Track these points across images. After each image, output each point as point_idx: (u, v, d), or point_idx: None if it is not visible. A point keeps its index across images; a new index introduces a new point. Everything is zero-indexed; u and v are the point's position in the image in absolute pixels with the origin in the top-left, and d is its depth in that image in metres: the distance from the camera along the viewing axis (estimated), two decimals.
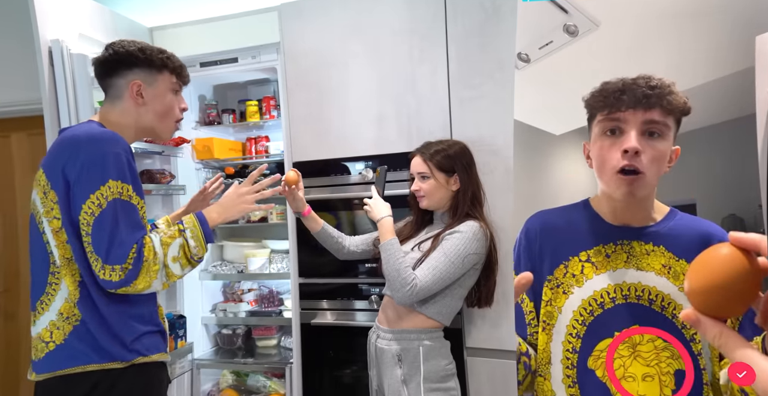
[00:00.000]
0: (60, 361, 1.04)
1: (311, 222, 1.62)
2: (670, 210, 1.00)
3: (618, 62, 1.07)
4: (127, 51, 1.15)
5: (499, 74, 1.66)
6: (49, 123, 1.84)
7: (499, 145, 1.65)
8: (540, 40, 1.13)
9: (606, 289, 0.97)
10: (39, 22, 1.80)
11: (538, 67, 1.14)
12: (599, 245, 0.99)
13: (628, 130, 0.91)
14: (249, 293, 2.40)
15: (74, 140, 1.05)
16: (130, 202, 1.05)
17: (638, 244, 0.97)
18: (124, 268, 1.00)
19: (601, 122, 0.95)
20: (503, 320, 1.64)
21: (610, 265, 0.98)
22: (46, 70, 1.81)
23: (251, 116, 2.33)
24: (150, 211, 2.21)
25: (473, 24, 1.69)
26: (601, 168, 0.96)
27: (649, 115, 0.91)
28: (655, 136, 0.92)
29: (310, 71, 1.92)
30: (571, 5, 1.09)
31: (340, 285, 1.90)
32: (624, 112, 0.92)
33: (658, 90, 0.91)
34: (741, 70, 0.98)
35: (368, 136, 1.84)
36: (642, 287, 0.95)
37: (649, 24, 1.07)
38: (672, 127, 0.93)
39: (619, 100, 0.92)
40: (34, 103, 1.96)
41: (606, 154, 0.94)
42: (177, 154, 2.28)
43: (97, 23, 2.10)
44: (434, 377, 1.39)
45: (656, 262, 0.96)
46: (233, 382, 2.30)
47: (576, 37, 1.09)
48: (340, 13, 1.88)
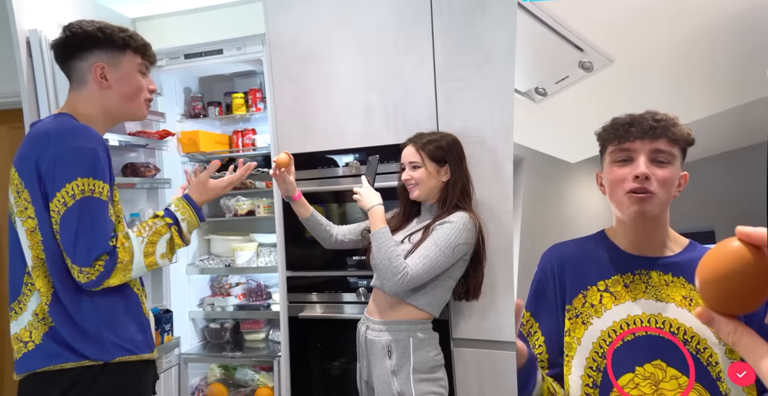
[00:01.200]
0: (37, 361, 1.02)
1: (300, 207, 1.61)
2: (690, 242, 1.01)
3: (631, 95, 1.14)
4: (86, 31, 1.08)
5: (485, 66, 1.66)
6: (28, 116, 1.80)
7: (485, 136, 1.66)
8: (556, 75, 1.19)
9: (626, 320, 0.96)
10: (16, 12, 1.76)
11: (555, 99, 1.19)
12: (617, 275, 1.00)
13: (638, 158, 0.98)
14: (237, 287, 2.39)
15: (45, 135, 1.01)
16: (99, 199, 1.01)
17: (657, 275, 0.98)
18: (94, 271, 0.98)
19: (612, 153, 1.02)
20: (490, 312, 1.66)
21: (629, 295, 0.98)
22: (24, 61, 1.77)
23: (237, 109, 2.30)
24: (134, 204, 2.18)
25: (459, 16, 1.69)
26: (613, 192, 1.02)
27: (656, 144, 0.98)
28: (663, 163, 0.99)
29: (296, 63, 1.90)
30: (586, 44, 1.16)
31: (328, 278, 1.90)
32: (633, 143, 0.99)
33: (663, 122, 0.99)
34: (753, 101, 1.03)
35: (355, 128, 1.83)
36: (663, 319, 0.95)
37: (662, 59, 1.13)
38: (677, 156, 1.00)
39: (628, 132, 0.99)
40: (13, 96, 1.92)
41: (618, 178, 1.00)
42: (162, 148, 2.25)
43: (78, 13, 2.05)
44: (423, 368, 1.40)
45: (676, 294, 0.96)
46: (221, 376, 2.29)
47: (591, 72, 1.15)
48: (326, 4, 1.86)
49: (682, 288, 0.96)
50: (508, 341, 1.62)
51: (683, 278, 0.97)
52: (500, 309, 1.64)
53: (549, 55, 1.20)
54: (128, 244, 1.02)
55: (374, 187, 1.50)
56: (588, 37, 1.16)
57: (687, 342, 0.91)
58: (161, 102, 2.27)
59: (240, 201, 2.31)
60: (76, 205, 0.98)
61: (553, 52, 1.19)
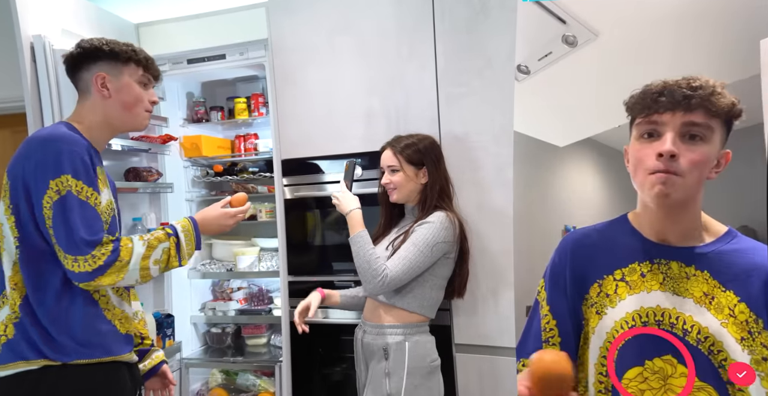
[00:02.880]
0: (3, 356, 1.06)
1: (330, 300, 1.61)
2: (728, 230, 0.90)
3: (619, 72, 1.04)
4: (93, 45, 1.16)
5: (487, 71, 1.66)
6: (32, 120, 1.81)
7: (487, 141, 1.66)
8: (539, 51, 1.10)
9: (638, 312, 0.89)
10: (20, 17, 1.77)
11: (539, 78, 1.11)
12: (634, 263, 0.92)
13: (665, 133, 0.85)
14: (238, 291, 2.38)
15: (30, 141, 1.08)
16: (79, 198, 1.04)
17: (678, 266, 0.88)
18: (93, 261, 1.01)
19: (638, 125, 0.90)
20: (492, 317, 1.65)
21: (644, 286, 0.90)
22: (28, 67, 1.78)
23: (240, 113, 2.31)
24: (137, 209, 2.18)
25: (461, 21, 1.69)
26: (635, 171, 0.91)
27: (689, 117, 0.84)
28: (696, 140, 0.85)
29: (299, 68, 1.90)
30: (570, 16, 1.07)
31: (330, 282, 1.89)
32: (661, 115, 0.86)
33: (701, 91, 0.84)
34: (747, 78, 0.94)
35: (357, 132, 1.84)
36: (677, 315, 0.87)
37: (650, 32, 1.03)
38: (717, 130, 0.86)
39: (657, 102, 0.86)
40: (17, 101, 1.92)
41: (642, 156, 0.88)
42: (164, 152, 2.26)
43: (82, 19, 2.07)
44: (418, 373, 1.40)
45: (696, 289, 0.86)
46: (222, 381, 2.28)
47: (575, 47, 1.07)
48: (328, 10, 1.87)
49: (704, 283, 0.86)
50: (510, 347, 1.61)
51: (708, 273, 0.86)
52: (503, 314, 1.63)
53: (531, 29, 1.11)
54: (131, 244, 1.07)
55: (351, 189, 1.53)
56: (572, 7, 1.05)
57: (700, 342, 0.84)
58: (164, 107, 2.27)
59: None
60: (62, 199, 1.03)
61: (534, 26, 1.10)
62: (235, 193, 1.28)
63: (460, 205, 1.66)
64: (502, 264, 1.61)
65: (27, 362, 1.05)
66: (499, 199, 1.62)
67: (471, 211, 1.66)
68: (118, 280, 1.05)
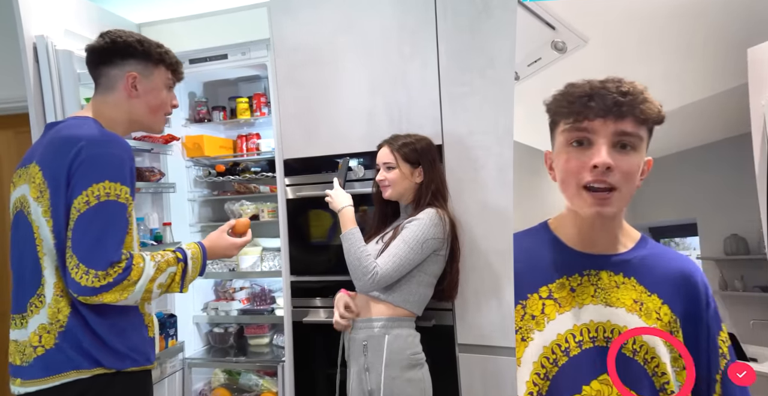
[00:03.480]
0: (48, 367, 1.01)
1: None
2: (641, 237, 0.89)
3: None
4: (126, 41, 1.12)
5: (490, 71, 1.65)
6: (34, 120, 1.81)
7: (490, 141, 1.65)
8: (528, 57, 1.10)
9: (571, 331, 0.84)
10: (23, 18, 1.77)
11: (528, 84, 1.10)
12: (562, 277, 0.87)
13: (598, 142, 0.81)
14: (241, 291, 2.39)
15: (76, 140, 1.01)
16: (124, 204, 1.01)
17: (607, 275, 0.85)
18: (107, 277, 0.96)
19: (566, 132, 0.84)
20: (495, 317, 1.64)
21: (575, 301, 0.85)
22: (30, 67, 1.78)
23: (242, 113, 2.31)
24: (139, 209, 2.19)
25: (464, 20, 1.69)
26: (565, 182, 0.86)
27: (621, 125, 0.79)
28: (627, 149, 0.81)
29: (301, 67, 1.90)
30: (559, 22, 1.06)
31: (332, 282, 1.89)
32: (592, 122, 0.81)
33: (631, 97, 0.79)
34: (735, 87, 0.93)
35: (359, 132, 1.83)
36: (611, 327, 0.83)
37: (639, 40, 1.01)
38: (645, 138, 0.83)
39: (587, 107, 0.80)
40: (20, 101, 1.93)
41: (572, 168, 0.83)
42: (167, 152, 2.26)
43: (84, 19, 2.07)
44: (396, 365, 1.39)
45: (627, 297, 0.84)
46: (225, 380, 2.29)
47: (564, 53, 1.06)
48: (330, 9, 1.86)
49: (633, 290, 0.84)
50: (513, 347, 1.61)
51: (635, 279, 0.85)
52: (505, 314, 1.63)
53: (521, 34, 1.10)
54: (142, 264, 1.02)
55: (345, 188, 1.53)
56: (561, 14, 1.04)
57: (636, 352, 0.81)
58: None
59: (244, 205, 2.32)
60: (100, 206, 0.98)
61: (524, 32, 1.09)
62: (240, 217, 1.29)
63: (463, 205, 1.66)
64: (505, 264, 1.61)
65: (79, 371, 1.01)
66: (501, 199, 1.62)
67: (473, 211, 1.66)
68: (120, 299, 0.99)
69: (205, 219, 2.47)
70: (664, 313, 0.84)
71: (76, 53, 1.86)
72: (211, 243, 1.20)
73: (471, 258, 1.65)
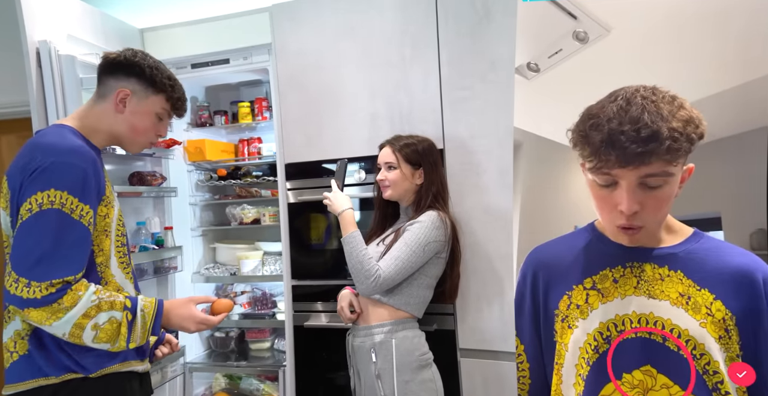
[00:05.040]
0: (22, 373, 1.01)
1: None
2: (694, 232, 0.88)
3: (631, 70, 0.99)
4: (138, 62, 1.12)
5: (491, 75, 1.66)
6: (37, 125, 1.82)
7: (491, 145, 1.65)
8: (549, 48, 1.06)
9: (613, 321, 0.84)
10: (26, 23, 1.78)
11: (549, 76, 1.07)
12: (606, 269, 0.87)
13: (622, 185, 0.78)
14: (242, 295, 2.38)
15: (35, 146, 1.01)
16: (70, 217, 0.96)
17: (651, 268, 0.85)
18: (45, 291, 0.91)
19: (590, 170, 0.81)
20: (497, 321, 1.64)
21: (617, 292, 0.85)
22: (33, 72, 1.79)
23: (243, 118, 2.31)
24: (141, 213, 2.19)
25: (464, 26, 1.69)
26: (600, 213, 0.86)
27: (646, 169, 0.76)
28: (655, 188, 0.78)
29: (302, 72, 1.91)
30: (581, 11, 1.02)
31: (333, 286, 1.89)
32: (612, 170, 0.77)
33: (653, 144, 0.73)
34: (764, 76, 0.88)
35: (360, 137, 1.84)
36: (654, 319, 0.83)
37: (664, 28, 0.97)
38: (679, 166, 0.79)
39: (607, 159, 0.76)
40: (23, 106, 1.94)
41: (602, 202, 0.83)
42: (168, 156, 2.26)
43: (87, 24, 2.08)
44: (407, 368, 1.39)
45: (672, 290, 0.83)
46: (226, 385, 2.28)
47: (586, 44, 1.02)
48: (332, 14, 1.87)
49: (679, 283, 0.83)
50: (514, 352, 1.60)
51: (681, 272, 0.84)
52: (507, 319, 1.62)
53: (540, 25, 1.06)
54: (81, 293, 0.95)
55: (344, 191, 1.52)
56: (583, 3, 0.99)
57: (681, 347, 0.81)
58: None
59: (245, 209, 2.32)
60: (40, 214, 0.94)
61: (544, 22, 1.05)
62: (223, 298, 1.20)
63: (465, 210, 1.66)
64: (507, 268, 1.61)
65: (47, 379, 1.00)
66: (503, 203, 1.62)
67: (475, 214, 1.66)
68: (44, 324, 0.93)
69: (207, 223, 2.47)
70: (716, 309, 0.82)
71: (78, 58, 1.87)
72: (172, 306, 1.11)
73: (473, 262, 1.65)
